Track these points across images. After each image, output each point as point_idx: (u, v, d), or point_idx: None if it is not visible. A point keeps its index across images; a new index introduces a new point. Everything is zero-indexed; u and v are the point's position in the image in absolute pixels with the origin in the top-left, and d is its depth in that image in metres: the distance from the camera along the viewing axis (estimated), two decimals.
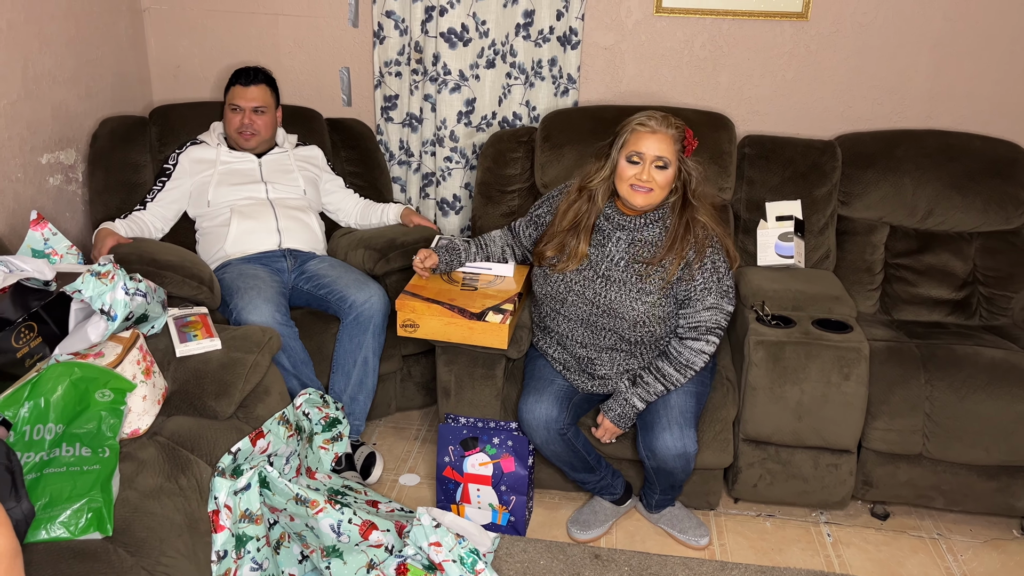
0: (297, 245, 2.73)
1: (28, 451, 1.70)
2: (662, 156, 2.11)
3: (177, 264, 2.42)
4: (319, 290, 2.60)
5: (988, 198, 2.75)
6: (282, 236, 2.71)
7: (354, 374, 2.53)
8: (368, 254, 2.70)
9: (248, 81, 2.74)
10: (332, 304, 2.58)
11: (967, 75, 2.93)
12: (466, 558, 2.03)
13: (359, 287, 2.55)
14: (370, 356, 2.54)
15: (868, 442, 2.38)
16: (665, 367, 2.21)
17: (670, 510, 2.43)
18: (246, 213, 2.71)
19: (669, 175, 2.14)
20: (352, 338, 2.53)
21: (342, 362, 2.54)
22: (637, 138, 2.13)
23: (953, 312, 2.76)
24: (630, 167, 2.14)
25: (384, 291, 2.58)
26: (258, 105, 2.75)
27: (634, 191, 2.14)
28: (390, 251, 2.70)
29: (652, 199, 2.15)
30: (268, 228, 2.70)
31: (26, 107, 2.58)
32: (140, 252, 2.45)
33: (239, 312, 2.41)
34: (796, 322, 2.38)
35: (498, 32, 2.97)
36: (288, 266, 2.69)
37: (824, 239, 2.81)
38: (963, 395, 2.31)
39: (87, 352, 1.91)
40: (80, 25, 2.81)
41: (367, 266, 2.69)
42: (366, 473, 2.56)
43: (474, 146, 3.12)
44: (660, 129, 2.11)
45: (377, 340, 2.55)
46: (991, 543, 2.44)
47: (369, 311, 2.51)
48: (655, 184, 2.13)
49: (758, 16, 2.92)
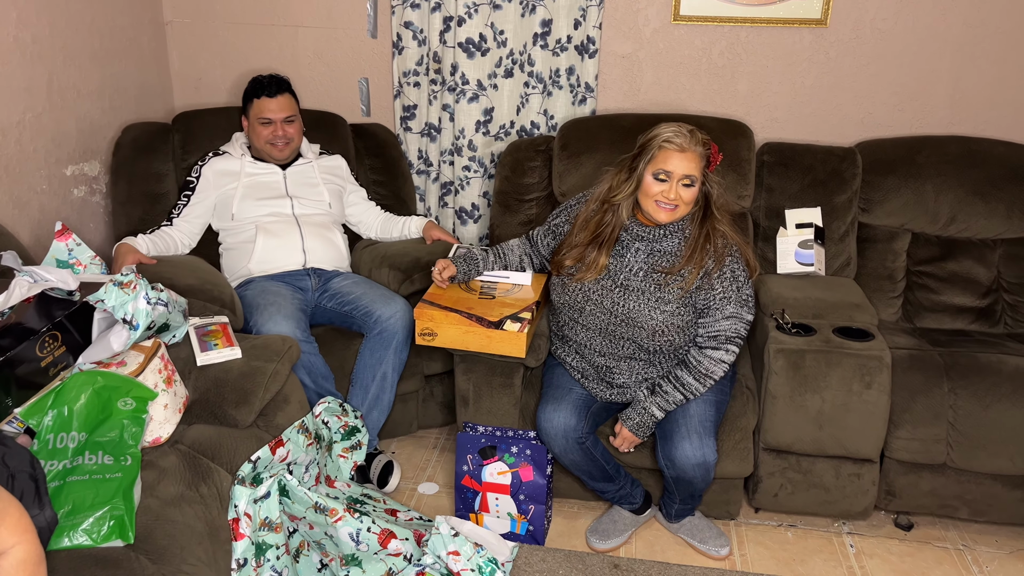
0: (322, 264, 2.73)
1: (51, 459, 1.72)
2: (689, 175, 2.10)
3: (197, 288, 2.40)
4: (343, 307, 2.60)
5: (1011, 204, 2.72)
6: (307, 256, 2.71)
7: (372, 388, 2.53)
8: (393, 274, 2.70)
9: (274, 92, 2.72)
10: (357, 319, 2.57)
11: (989, 80, 2.90)
12: (485, 567, 2.03)
13: (385, 302, 2.55)
14: (389, 372, 2.54)
15: (891, 451, 2.35)
16: (684, 376, 2.20)
17: (690, 520, 2.41)
18: (272, 231, 2.70)
19: (695, 192, 2.13)
20: (373, 352, 2.53)
21: (361, 376, 2.54)
22: (665, 156, 2.11)
23: (977, 320, 2.73)
24: (656, 184, 2.13)
25: (408, 307, 2.56)
26: (288, 115, 2.74)
27: (659, 207, 2.14)
28: (414, 271, 2.69)
29: (677, 215, 2.15)
30: (293, 247, 2.70)
31: (51, 120, 2.62)
32: (160, 276, 2.35)
33: (258, 328, 2.42)
34: (816, 330, 2.36)
35: (516, 42, 2.98)
36: (312, 285, 2.69)
37: (845, 246, 2.79)
38: (987, 404, 2.28)
39: (110, 361, 1.93)
40: (104, 38, 2.86)
41: (392, 286, 2.69)
42: (383, 482, 2.56)
43: (492, 155, 3.13)
44: (688, 147, 2.10)
45: (399, 356, 2.54)
46: (1017, 554, 2.40)
47: (393, 326, 2.52)
48: (681, 202, 2.12)
49: (777, 23, 2.91)
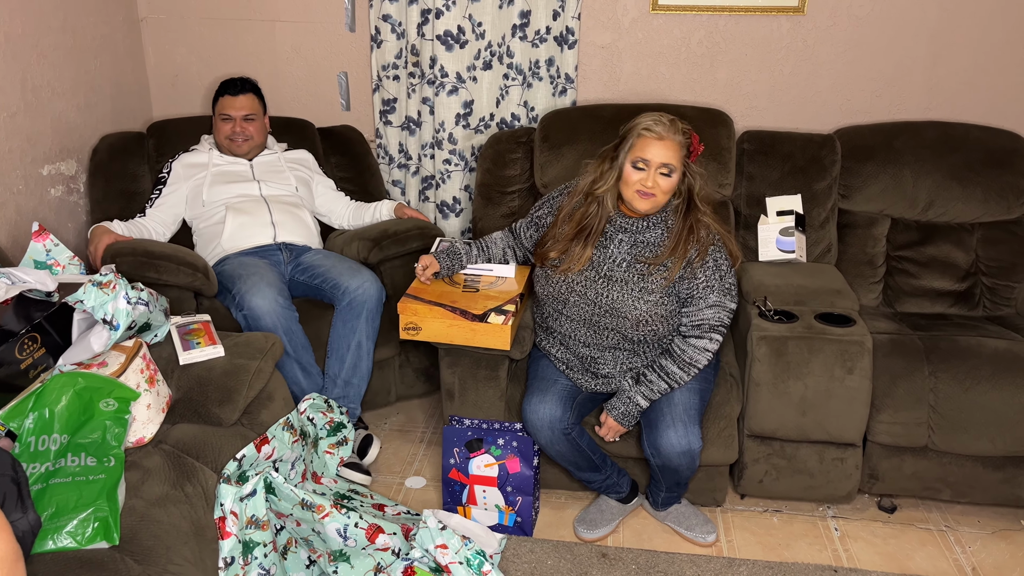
0: (292, 239, 2.78)
1: (33, 462, 1.70)
2: (668, 163, 2.11)
3: (171, 254, 2.50)
4: (314, 280, 2.66)
5: (988, 188, 2.75)
6: (277, 230, 2.76)
7: (348, 358, 2.57)
8: (362, 244, 2.77)
9: (236, 91, 2.83)
10: (326, 292, 2.63)
11: (965, 66, 2.92)
12: (473, 560, 2.03)
13: (352, 274, 2.61)
14: (364, 340, 2.58)
15: (873, 435, 2.37)
16: (669, 365, 2.21)
17: (676, 507, 2.43)
18: (241, 209, 2.76)
19: (673, 181, 2.13)
20: (346, 323, 2.57)
21: (336, 346, 2.58)
22: (643, 144, 2.12)
23: (956, 303, 2.76)
24: (635, 172, 2.13)
25: (377, 278, 2.64)
26: (247, 113, 2.83)
27: (638, 196, 2.14)
28: (383, 239, 2.77)
29: (656, 204, 2.15)
30: (263, 222, 2.76)
31: (26, 119, 2.59)
32: (134, 246, 2.53)
33: (242, 296, 2.46)
34: (799, 317, 2.37)
35: (494, 33, 2.97)
36: (284, 259, 2.74)
37: (825, 233, 2.81)
38: (967, 386, 2.31)
39: (90, 362, 1.91)
40: (77, 36, 2.82)
41: (361, 255, 2.76)
42: (362, 453, 2.60)
43: (473, 148, 3.12)
44: (667, 135, 2.10)
45: (371, 325, 2.59)
46: (999, 534, 2.43)
47: (362, 296, 2.57)
48: (659, 190, 2.13)
49: (754, 11, 2.92)
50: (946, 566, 2.30)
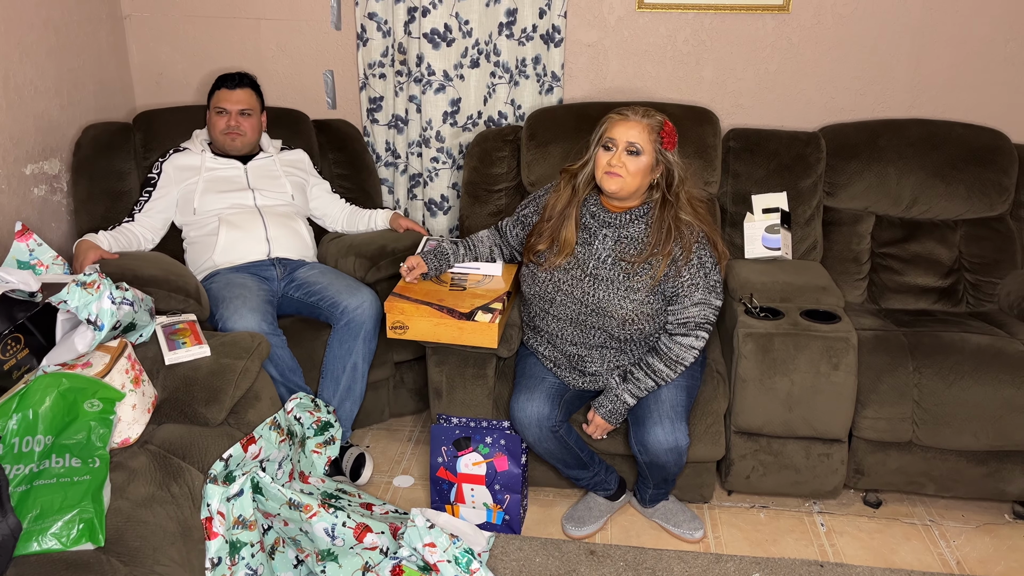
0: (287, 254, 2.72)
1: (17, 463, 1.69)
2: (633, 142, 2.13)
3: (161, 279, 2.37)
4: (310, 297, 2.58)
5: (971, 185, 2.77)
6: (271, 245, 2.70)
7: (343, 380, 2.52)
8: (359, 262, 2.69)
9: (234, 85, 2.75)
10: (323, 310, 2.56)
11: (948, 64, 2.94)
12: (461, 558, 2.03)
13: (351, 292, 2.54)
14: (360, 362, 2.53)
15: (858, 431, 2.39)
16: (655, 363, 2.22)
17: (664, 504, 2.44)
18: (234, 223, 2.68)
19: (641, 163, 2.14)
20: (342, 343, 2.52)
21: (331, 367, 2.53)
22: (611, 125, 2.17)
23: (940, 300, 2.78)
24: (604, 153, 2.16)
25: (376, 296, 2.57)
26: (244, 108, 2.75)
27: (607, 177, 2.16)
28: (381, 259, 2.69)
29: (623, 185, 2.15)
30: (257, 237, 2.68)
31: (8, 118, 2.57)
32: (122, 269, 2.37)
33: (224, 322, 2.39)
34: (784, 314, 2.39)
35: (481, 31, 2.97)
36: (278, 274, 2.67)
37: (811, 230, 2.82)
38: (951, 382, 2.33)
39: (75, 362, 1.90)
40: (60, 34, 2.80)
41: (358, 274, 2.68)
42: (355, 475, 2.55)
43: (460, 146, 3.12)
44: (634, 118, 2.14)
45: (367, 346, 2.54)
46: (983, 528, 2.45)
47: (360, 316, 2.51)
48: (625, 171, 2.13)
49: (740, 10, 2.93)
50: (931, 560, 2.32)
